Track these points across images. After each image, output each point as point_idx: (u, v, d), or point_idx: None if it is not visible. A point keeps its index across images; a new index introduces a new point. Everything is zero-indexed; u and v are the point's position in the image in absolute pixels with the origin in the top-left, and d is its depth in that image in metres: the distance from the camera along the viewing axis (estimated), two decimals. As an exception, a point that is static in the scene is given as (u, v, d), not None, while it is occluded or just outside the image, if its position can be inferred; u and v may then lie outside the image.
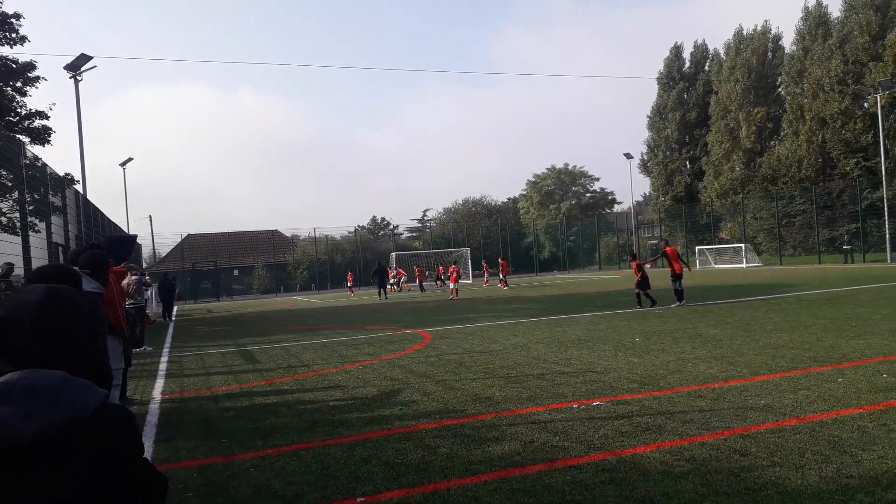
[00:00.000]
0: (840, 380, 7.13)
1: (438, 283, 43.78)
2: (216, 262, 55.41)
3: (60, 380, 1.40)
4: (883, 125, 38.14)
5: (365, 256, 54.73)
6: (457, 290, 29.33)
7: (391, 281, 40.01)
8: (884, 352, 8.67)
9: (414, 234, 74.17)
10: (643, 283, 17.12)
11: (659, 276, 26.74)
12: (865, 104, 43.96)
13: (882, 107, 38.03)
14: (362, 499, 4.54)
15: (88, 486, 1.37)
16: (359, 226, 67.51)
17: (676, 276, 17.29)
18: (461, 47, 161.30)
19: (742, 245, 44.29)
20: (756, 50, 52.52)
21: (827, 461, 4.62)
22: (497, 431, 6.01)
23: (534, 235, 64.51)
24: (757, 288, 22.21)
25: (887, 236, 37.05)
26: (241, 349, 14.16)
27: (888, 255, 36.62)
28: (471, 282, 44.99)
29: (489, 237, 62.72)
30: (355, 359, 11.31)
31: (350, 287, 42.28)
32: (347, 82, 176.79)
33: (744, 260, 42.82)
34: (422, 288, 38.90)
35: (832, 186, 43.96)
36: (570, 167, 71.89)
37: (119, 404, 1.51)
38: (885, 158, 38.37)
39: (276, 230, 62.23)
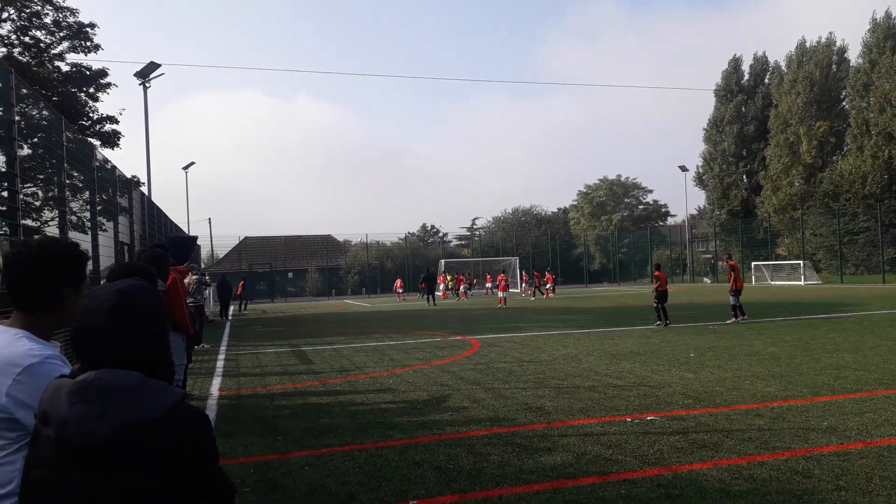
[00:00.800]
0: (908, 404, 6.87)
1: (476, 291, 43.78)
2: (271, 265, 56.64)
3: (136, 380, 1.48)
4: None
5: (414, 263, 55.15)
6: (505, 298, 29.26)
7: (440, 287, 40.37)
8: (955, 377, 8.31)
9: (463, 242, 74.31)
10: (663, 296, 16.59)
11: (712, 292, 26.13)
12: (936, 119, 42.19)
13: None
14: (415, 502, 4.59)
15: (160, 484, 1.42)
16: (409, 232, 67.99)
17: (737, 292, 16.88)
18: (512, 57, 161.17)
19: (800, 262, 42.93)
20: (819, 62, 50.95)
21: None
22: (549, 442, 5.99)
23: (584, 246, 63.83)
24: (817, 306, 21.50)
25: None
26: (295, 350, 14.44)
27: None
28: (518, 290, 44.81)
29: (538, 247, 62.38)
30: (405, 363, 11.41)
31: (401, 293, 42.69)
32: (400, 91, 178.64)
33: (802, 277, 41.51)
34: (465, 294, 39.08)
35: (899, 204, 42.33)
36: (622, 178, 71.16)
37: (196, 407, 1.57)
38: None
39: (329, 235, 63.28)
